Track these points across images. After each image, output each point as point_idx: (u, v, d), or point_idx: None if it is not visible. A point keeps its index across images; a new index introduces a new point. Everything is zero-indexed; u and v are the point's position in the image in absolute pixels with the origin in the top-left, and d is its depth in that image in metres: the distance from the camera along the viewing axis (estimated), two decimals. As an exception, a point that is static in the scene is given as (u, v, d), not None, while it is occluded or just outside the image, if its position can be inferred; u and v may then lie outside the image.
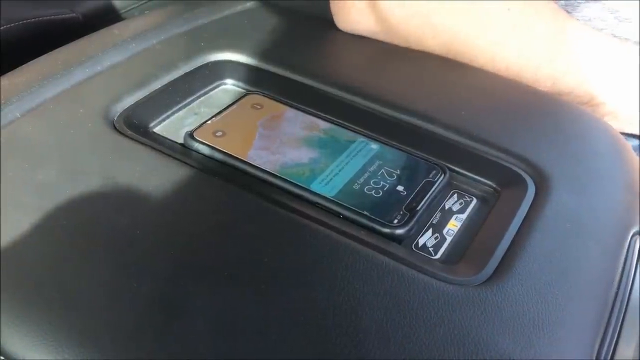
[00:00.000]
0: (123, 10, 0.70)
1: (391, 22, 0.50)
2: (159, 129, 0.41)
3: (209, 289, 0.29)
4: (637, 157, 0.43)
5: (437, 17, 0.48)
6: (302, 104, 0.43)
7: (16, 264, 0.30)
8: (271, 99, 0.43)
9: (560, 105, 0.46)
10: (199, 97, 0.44)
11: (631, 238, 0.36)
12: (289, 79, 0.45)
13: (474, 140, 0.40)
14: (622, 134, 0.46)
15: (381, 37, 0.51)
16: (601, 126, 0.44)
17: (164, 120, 0.41)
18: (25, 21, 0.59)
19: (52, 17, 0.62)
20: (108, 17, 0.68)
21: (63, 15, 0.63)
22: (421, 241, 0.35)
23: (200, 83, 0.45)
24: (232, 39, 0.48)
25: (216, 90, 0.45)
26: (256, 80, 0.45)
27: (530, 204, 0.36)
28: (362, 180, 0.37)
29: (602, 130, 0.44)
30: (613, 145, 0.42)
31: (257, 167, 0.37)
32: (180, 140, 0.39)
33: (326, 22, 0.53)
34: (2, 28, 0.57)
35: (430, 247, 0.34)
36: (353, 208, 0.35)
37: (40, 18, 0.60)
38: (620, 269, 0.35)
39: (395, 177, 0.38)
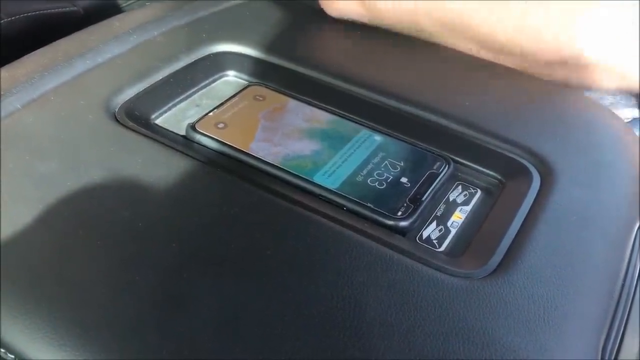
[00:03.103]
0: (124, 4, 0.70)
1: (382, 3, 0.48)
2: (160, 120, 0.40)
3: (212, 282, 0.29)
4: None
5: None
6: (305, 95, 0.43)
7: (17, 257, 0.30)
8: (273, 90, 0.43)
9: (566, 95, 0.46)
10: (200, 88, 0.44)
11: (637, 231, 0.36)
12: (291, 70, 0.45)
13: (478, 131, 0.39)
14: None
15: (371, 18, 0.50)
16: (607, 116, 0.44)
17: (165, 112, 0.41)
18: (26, 14, 0.59)
19: (53, 10, 0.61)
20: (109, 10, 0.68)
21: (64, 9, 0.62)
22: (425, 233, 0.34)
23: (201, 75, 0.44)
24: (233, 30, 0.48)
25: (218, 81, 0.45)
26: (258, 71, 0.45)
27: (535, 195, 0.36)
28: (365, 172, 0.37)
29: (608, 121, 0.43)
30: (619, 136, 0.42)
31: (259, 159, 0.37)
32: (182, 132, 0.39)
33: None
34: (3, 21, 0.57)
35: (435, 239, 0.34)
36: (356, 200, 0.34)
37: (41, 11, 0.60)
38: (626, 262, 0.34)
39: (399, 168, 0.37)
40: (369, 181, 0.36)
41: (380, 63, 0.47)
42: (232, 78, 0.46)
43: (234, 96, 0.42)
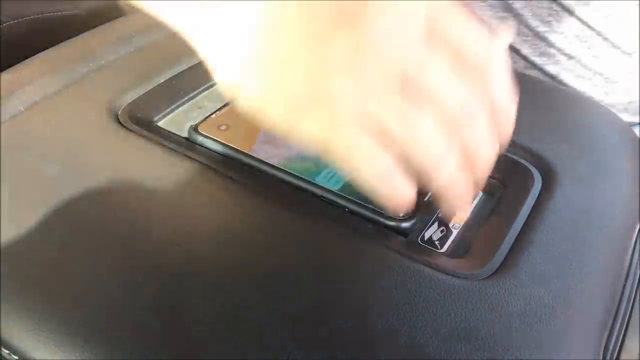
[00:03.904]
0: (127, 7, 0.70)
1: None
2: (163, 122, 0.41)
3: (214, 285, 0.29)
4: None
5: None
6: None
7: (20, 259, 0.30)
8: None
9: (567, 96, 0.46)
10: (203, 90, 0.44)
11: (638, 232, 0.36)
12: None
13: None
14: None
15: None
16: (609, 117, 0.44)
17: (168, 114, 0.41)
18: (28, 18, 0.59)
19: (56, 13, 0.61)
20: (111, 13, 0.68)
21: (66, 12, 0.62)
22: (427, 234, 0.34)
23: (204, 77, 0.44)
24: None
25: (220, 84, 0.45)
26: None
27: (536, 197, 0.36)
28: None
29: (610, 121, 0.43)
30: (621, 136, 0.42)
31: (261, 160, 0.37)
32: (185, 134, 0.39)
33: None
34: (5, 25, 0.57)
35: (436, 240, 0.34)
36: (358, 201, 0.34)
37: (44, 14, 0.60)
38: (627, 263, 0.34)
39: None
40: None
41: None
42: (234, 80, 0.46)
43: None
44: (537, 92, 0.46)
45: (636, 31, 0.51)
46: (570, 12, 0.51)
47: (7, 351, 0.27)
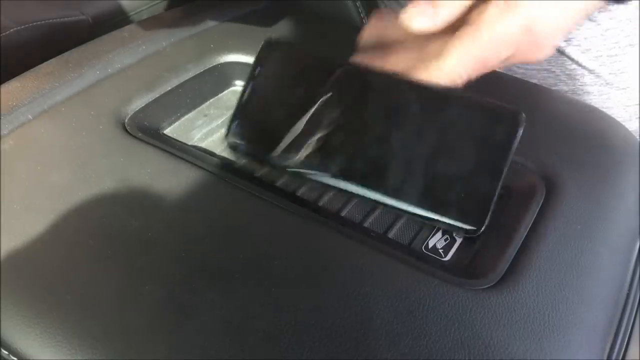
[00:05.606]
0: (132, 12, 0.70)
1: None
2: (169, 130, 0.41)
3: (220, 292, 0.29)
4: None
5: None
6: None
7: (29, 266, 0.30)
8: None
9: (572, 105, 0.46)
10: (208, 98, 0.44)
11: (642, 240, 0.36)
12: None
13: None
14: None
15: None
16: (613, 126, 0.44)
17: (174, 122, 0.41)
18: (34, 23, 0.59)
19: (62, 19, 0.62)
20: (117, 19, 0.68)
21: (72, 18, 0.63)
22: (431, 242, 0.34)
23: (210, 85, 0.45)
24: (241, 40, 0.48)
25: (226, 92, 0.45)
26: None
27: (540, 205, 0.36)
28: None
29: (614, 131, 0.43)
30: (625, 146, 0.42)
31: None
32: (190, 142, 0.39)
33: (336, 22, 0.53)
34: (11, 30, 0.57)
35: (440, 248, 0.34)
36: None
37: (49, 20, 0.60)
38: (631, 272, 0.34)
39: None
40: None
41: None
42: (240, 88, 0.46)
43: None
44: (542, 101, 0.46)
45: (628, 67, 0.51)
46: (561, 52, 0.51)
47: (13, 358, 0.27)
